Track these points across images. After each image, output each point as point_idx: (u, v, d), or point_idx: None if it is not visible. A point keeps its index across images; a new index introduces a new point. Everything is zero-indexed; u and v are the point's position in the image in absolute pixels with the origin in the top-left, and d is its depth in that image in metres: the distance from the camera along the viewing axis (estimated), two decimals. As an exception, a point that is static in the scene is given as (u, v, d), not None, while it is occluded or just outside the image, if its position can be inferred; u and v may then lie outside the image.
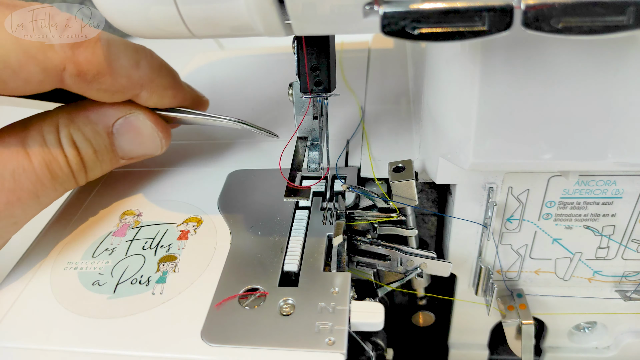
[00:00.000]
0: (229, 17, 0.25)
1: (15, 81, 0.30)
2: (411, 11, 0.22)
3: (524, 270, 0.41)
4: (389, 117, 0.45)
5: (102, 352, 0.29)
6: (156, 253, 0.35)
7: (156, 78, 0.34)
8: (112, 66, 0.32)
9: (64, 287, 0.33)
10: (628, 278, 0.40)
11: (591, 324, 0.45)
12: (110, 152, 0.36)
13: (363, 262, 0.38)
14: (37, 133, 0.33)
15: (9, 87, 0.30)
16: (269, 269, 0.33)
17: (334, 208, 0.36)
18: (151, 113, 0.37)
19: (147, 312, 0.31)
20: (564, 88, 0.27)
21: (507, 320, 0.40)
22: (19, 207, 0.32)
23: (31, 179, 0.32)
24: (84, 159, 0.35)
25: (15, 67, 0.29)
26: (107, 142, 0.36)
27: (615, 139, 0.29)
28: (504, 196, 0.36)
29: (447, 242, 0.40)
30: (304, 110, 0.37)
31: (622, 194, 0.35)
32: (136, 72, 0.33)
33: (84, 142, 0.35)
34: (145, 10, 0.25)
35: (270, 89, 0.51)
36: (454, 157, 0.33)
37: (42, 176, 0.33)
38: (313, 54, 0.32)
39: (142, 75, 0.34)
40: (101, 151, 0.36)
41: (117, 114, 0.35)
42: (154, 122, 0.37)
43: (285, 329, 0.29)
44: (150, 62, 0.34)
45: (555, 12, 0.21)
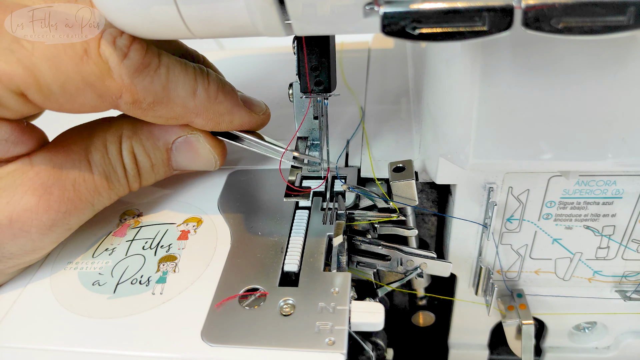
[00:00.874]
0: (229, 17, 0.25)
1: (71, 105, 0.30)
2: (411, 11, 0.22)
3: (524, 270, 0.41)
4: (389, 117, 0.45)
5: (102, 352, 0.29)
6: (156, 253, 0.35)
7: (212, 106, 0.34)
8: (168, 96, 0.31)
9: (64, 287, 0.33)
10: (628, 278, 0.40)
11: (591, 324, 0.45)
12: (166, 166, 0.37)
13: (363, 262, 0.38)
14: (100, 143, 0.34)
15: (63, 109, 0.30)
16: (269, 269, 0.33)
17: (334, 208, 0.36)
18: (210, 135, 0.37)
19: (147, 312, 0.31)
20: (564, 88, 0.27)
21: (507, 320, 0.40)
22: (76, 216, 0.33)
23: (90, 188, 0.33)
24: (140, 170, 0.36)
25: (73, 93, 0.29)
26: (165, 157, 0.36)
27: (615, 139, 0.29)
28: (504, 196, 0.36)
29: (447, 242, 0.40)
30: (304, 110, 0.37)
31: (622, 194, 0.35)
32: (192, 102, 0.33)
33: (144, 155, 0.35)
34: (145, 10, 0.25)
35: (270, 89, 0.51)
36: (454, 157, 0.33)
37: (99, 186, 0.33)
38: (313, 54, 0.32)
39: (198, 104, 0.33)
40: (158, 165, 0.36)
41: (178, 132, 0.36)
42: (211, 145, 0.37)
43: (285, 329, 0.29)
44: (207, 89, 0.33)
45: (555, 12, 0.21)
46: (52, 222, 0.32)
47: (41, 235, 0.32)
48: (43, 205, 0.31)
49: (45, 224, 0.31)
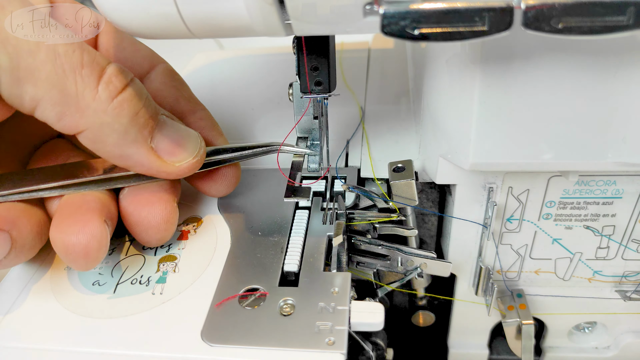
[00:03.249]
0: (229, 17, 0.25)
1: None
2: (411, 11, 0.22)
3: (524, 270, 0.41)
4: (389, 117, 0.45)
5: (102, 352, 0.29)
6: (156, 253, 0.35)
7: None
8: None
9: (64, 287, 0.33)
10: (628, 278, 0.40)
11: (591, 324, 0.45)
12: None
13: (363, 262, 0.38)
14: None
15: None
16: (269, 269, 0.33)
17: (334, 208, 0.36)
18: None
19: (147, 312, 0.31)
20: (564, 88, 0.27)
21: (507, 320, 0.40)
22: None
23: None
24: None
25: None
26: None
27: (615, 139, 0.29)
28: (504, 196, 0.36)
29: (447, 242, 0.40)
30: (303, 110, 0.37)
31: (622, 194, 0.35)
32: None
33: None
34: (145, 10, 0.25)
35: (270, 89, 0.51)
36: (454, 157, 0.33)
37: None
38: (313, 54, 0.32)
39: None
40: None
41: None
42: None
43: (285, 329, 0.29)
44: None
45: (555, 12, 0.21)
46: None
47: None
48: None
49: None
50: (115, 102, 0.28)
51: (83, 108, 0.27)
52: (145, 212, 0.32)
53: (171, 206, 0.33)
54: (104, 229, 0.30)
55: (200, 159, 0.33)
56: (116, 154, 0.30)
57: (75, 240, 0.29)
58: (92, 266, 0.30)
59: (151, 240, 0.34)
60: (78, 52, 0.27)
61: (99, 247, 0.30)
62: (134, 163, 0.30)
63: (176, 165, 0.31)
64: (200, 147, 0.33)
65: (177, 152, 0.31)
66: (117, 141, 0.29)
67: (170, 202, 0.33)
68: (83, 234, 0.29)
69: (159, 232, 0.33)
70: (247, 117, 0.48)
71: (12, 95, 0.27)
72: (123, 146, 0.29)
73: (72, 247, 0.29)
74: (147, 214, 0.32)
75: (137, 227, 0.33)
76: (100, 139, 0.29)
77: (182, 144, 0.32)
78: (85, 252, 0.29)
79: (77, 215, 0.30)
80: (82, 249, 0.29)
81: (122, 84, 0.29)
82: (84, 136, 0.29)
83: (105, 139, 0.29)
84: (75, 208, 0.31)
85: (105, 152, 0.30)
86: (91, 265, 0.30)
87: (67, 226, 0.30)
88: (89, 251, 0.29)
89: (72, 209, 0.31)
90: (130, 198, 0.33)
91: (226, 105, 0.49)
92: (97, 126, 0.28)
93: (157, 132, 0.30)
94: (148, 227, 0.33)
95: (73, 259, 0.30)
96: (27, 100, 0.27)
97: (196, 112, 0.37)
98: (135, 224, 0.33)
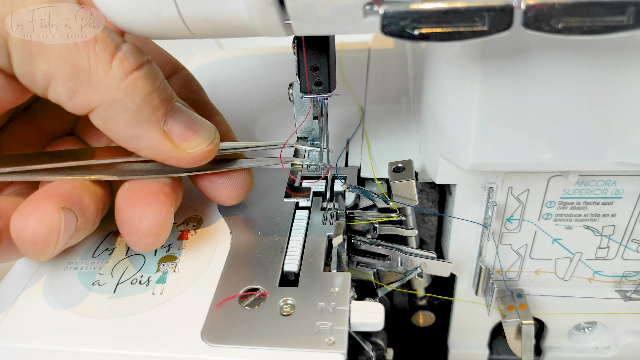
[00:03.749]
0: (229, 17, 0.25)
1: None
2: (411, 11, 0.22)
3: (524, 270, 0.41)
4: (389, 117, 0.45)
5: (102, 352, 0.29)
6: (156, 253, 0.35)
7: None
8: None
9: (64, 287, 0.33)
10: (628, 278, 0.40)
11: (591, 324, 0.45)
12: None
13: (363, 262, 0.38)
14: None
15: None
16: (269, 269, 0.33)
17: (334, 208, 0.36)
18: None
19: (147, 312, 0.31)
20: (564, 88, 0.27)
21: (507, 320, 0.40)
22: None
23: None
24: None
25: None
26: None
27: (615, 139, 0.29)
28: (504, 196, 0.36)
29: (447, 242, 0.40)
30: (304, 110, 0.37)
31: (622, 194, 0.35)
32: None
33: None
34: (145, 10, 0.25)
35: (270, 89, 0.51)
36: (454, 157, 0.33)
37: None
38: (313, 54, 0.32)
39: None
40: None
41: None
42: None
43: (285, 329, 0.29)
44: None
45: (555, 12, 0.21)
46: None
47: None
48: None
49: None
50: (129, 78, 0.27)
51: (95, 83, 0.27)
52: (139, 212, 0.30)
53: (167, 210, 0.31)
54: (55, 216, 0.28)
55: (214, 148, 0.32)
56: (127, 134, 0.29)
57: (23, 224, 0.28)
58: (44, 256, 0.29)
59: (139, 244, 0.31)
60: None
61: (47, 234, 0.28)
62: (145, 145, 0.29)
63: (188, 151, 0.30)
64: (214, 137, 0.32)
65: (190, 138, 0.30)
66: (129, 120, 0.28)
67: (166, 206, 0.31)
68: (33, 219, 0.28)
69: (149, 235, 0.30)
70: (247, 117, 0.48)
71: (24, 72, 0.27)
72: (135, 126, 0.28)
73: (20, 232, 0.28)
74: (140, 213, 0.30)
75: (127, 226, 0.31)
76: (112, 116, 0.28)
77: (195, 130, 0.31)
78: (33, 239, 0.28)
79: (32, 200, 0.29)
80: (29, 234, 0.28)
81: (137, 62, 0.28)
82: (96, 114, 0.28)
83: (117, 117, 0.28)
84: (37, 193, 0.30)
85: (116, 132, 0.29)
86: (42, 255, 0.29)
87: (20, 210, 0.29)
88: (36, 238, 0.28)
89: (35, 194, 0.30)
90: (127, 195, 0.32)
91: (226, 105, 0.49)
92: (109, 103, 0.27)
93: (171, 116, 0.30)
94: (138, 229, 0.30)
95: (21, 245, 0.28)
96: (40, 77, 0.27)
97: (212, 117, 0.37)
98: (126, 222, 0.31)
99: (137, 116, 0.28)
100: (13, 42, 0.26)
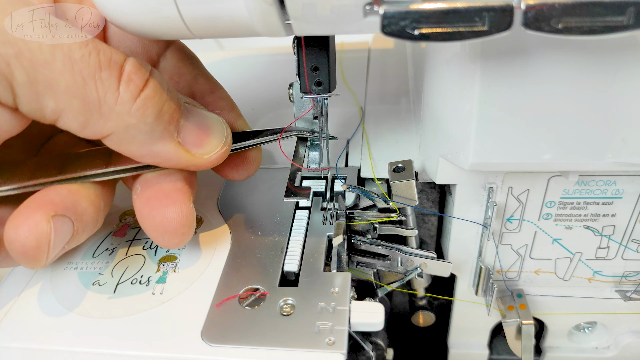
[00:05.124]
0: (229, 17, 0.25)
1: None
2: (411, 11, 0.22)
3: (524, 270, 0.41)
4: (389, 117, 0.45)
5: (102, 352, 0.29)
6: (156, 253, 0.35)
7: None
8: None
9: (64, 287, 0.33)
10: (628, 278, 0.40)
11: (591, 324, 0.45)
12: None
13: (363, 262, 0.38)
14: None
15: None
16: (269, 269, 0.33)
17: (334, 208, 0.36)
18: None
19: (147, 312, 0.31)
20: (564, 88, 0.27)
21: (507, 320, 0.40)
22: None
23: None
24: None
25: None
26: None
27: (615, 139, 0.29)
28: (504, 196, 0.36)
29: (447, 242, 0.40)
30: (304, 110, 0.37)
31: (622, 194, 0.35)
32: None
33: None
34: (145, 10, 0.25)
35: (270, 89, 0.51)
36: (454, 157, 0.33)
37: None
38: (313, 54, 0.32)
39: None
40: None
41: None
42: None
43: (285, 329, 0.29)
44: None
45: (555, 12, 0.21)
46: None
47: None
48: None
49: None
50: (138, 101, 0.27)
51: (107, 113, 0.27)
52: (160, 217, 0.31)
53: (187, 209, 0.31)
54: (44, 227, 0.28)
55: (228, 148, 0.32)
56: (144, 153, 0.29)
57: (13, 235, 0.28)
58: (38, 265, 0.29)
59: (170, 245, 0.32)
60: (94, 54, 0.26)
61: (36, 245, 0.28)
62: (163, 160, 0.30)
63: (205, 157, 0.31)
64: (226, 135, 0.32)
65: (204, 143, 0.31)
66: (144, 141, 0.28)
67: (185, 204, 0.31)
68: (21, 230, 0.28)
69: (176, 236, 0.31)
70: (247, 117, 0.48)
71: (32, 110, 0.26)
72: (151, 145, 0.28)
73: (10, 243, 0.28)
74: (161, 219, 0.31)
75: (153, 232, 0.31)
76: (126, 141, 0.28)
77: (208, 133, 0.31)
78: (23, 250, 0.28)
79: (22, 209, 0.29)
80: (19, 245, 0.28)
81: (143, 80, 0.27)
82: (110, 140, 0.28)
83: (131, 141, 0.28)
84: (29, 200, 0.29)
85: (132, 152, 0.29)
86: (35, 264, 0.28)
87: (10, 220, 0.28)
88: (26, 249, 0.28)
89: (27, 202, 0.29)
90: (143, 199, 0.32)
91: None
92: (122, 129, 0.27)
93: (183, 124, 0.30)
94: (164, 233, 0.31)
95: (14, 256, 0.28)
96: (49, 113, 0.26)
97: (215, 91, 0.37)
98: (151, 229, 0.31)
99: (151, 135, 0.28)
100: (18, 83, 0.25)
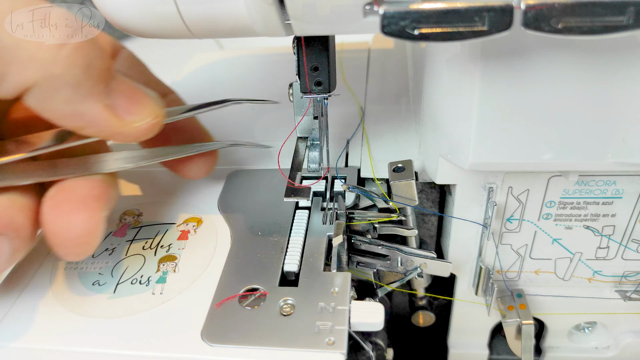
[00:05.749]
0: (229, 17, 0.25)
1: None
2: (411, 11, 0.22)
3: (523, 270, 0.41)
4: (389, 117, 0.45)
5: (102, 352, 0.29)
6: (156, 253, 0.35)
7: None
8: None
9: (64, 287, 0.33)
10: (628, 278, 0.40)
11: (591, 324, 0.45)
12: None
13: (363, 262, 0.38)
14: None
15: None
16: (269, 269, 0.33)
17: (334, 208, 0.36)
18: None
19: (147, 312, 0.31)
20: (563, 88, 0.27)
21: (507, 320, 0.40)
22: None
23: None
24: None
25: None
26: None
27: (615, 139, 0.29)
28: (504, 196, 0.36)
29: (447, 242, 0.40)
30: (304, 110, 0.37)
31: (622, 194, 0.35)
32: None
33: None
34: (145, 10, 0.25)
35: (270, 89, 0.51)
36: (454, 157, 0.33)
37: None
38: (313, 54, 0.32)
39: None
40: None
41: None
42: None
43: (285, 329, 0.29)
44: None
45: (555, 12, 0.21)
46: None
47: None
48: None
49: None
50: (65, 50, 0.24)
51: (26, 60, 0.24)
52: (65, 222, 0.27)
53: (97, 217, 0.28)
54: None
55: (160, 121, 0.30)
56: (67, 112, 0.26)
57: None
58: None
59: (68, 254, 0.29)
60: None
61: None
62: (87, 122, 0.27)
63: (134, 125, 0.28)
64: (159, 108, 0.30)
65: (135, 111, 0.28)
66: (68, 96, 0.25)
67: (96, 212, 0.28)
68: None
69: (78, 245, 0.28)
70: (247, 117, 0.48)
71: None
72: (76, 102, 0.26)
73: None
74: (66, 223, 0.27)
75: (54, 238, 0.28)
76: (49, 95, 0.25)
77: (140, 102, 0.28)
78: None
79: None
80: None
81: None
82: (31, 96, 0.25)
83: (55, 95, 0.25)
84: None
85: (54, 111, 0.26)
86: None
87: None
88: None
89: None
90: (53, 202, 0.28)
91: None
92: (45, 80, 0.24)
93: (114, 87, 0.27)
94: (65, 240, 0.28)
95: None
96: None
97: (167, 95, 0.36)
98: (52, 234, 0.28)
99: (77, 90, 0.25)
100: None
